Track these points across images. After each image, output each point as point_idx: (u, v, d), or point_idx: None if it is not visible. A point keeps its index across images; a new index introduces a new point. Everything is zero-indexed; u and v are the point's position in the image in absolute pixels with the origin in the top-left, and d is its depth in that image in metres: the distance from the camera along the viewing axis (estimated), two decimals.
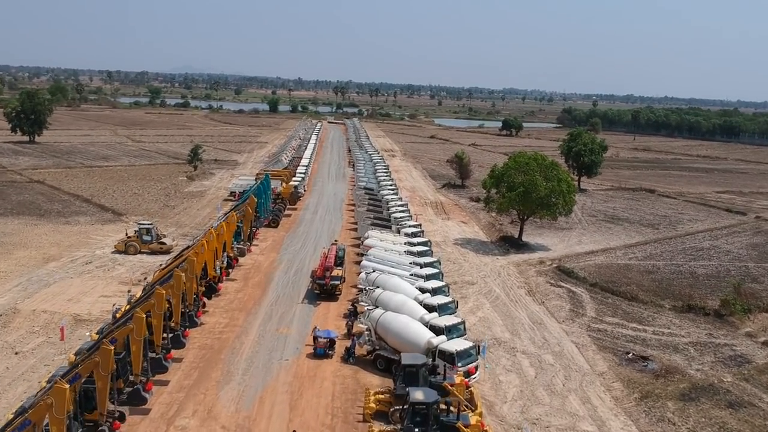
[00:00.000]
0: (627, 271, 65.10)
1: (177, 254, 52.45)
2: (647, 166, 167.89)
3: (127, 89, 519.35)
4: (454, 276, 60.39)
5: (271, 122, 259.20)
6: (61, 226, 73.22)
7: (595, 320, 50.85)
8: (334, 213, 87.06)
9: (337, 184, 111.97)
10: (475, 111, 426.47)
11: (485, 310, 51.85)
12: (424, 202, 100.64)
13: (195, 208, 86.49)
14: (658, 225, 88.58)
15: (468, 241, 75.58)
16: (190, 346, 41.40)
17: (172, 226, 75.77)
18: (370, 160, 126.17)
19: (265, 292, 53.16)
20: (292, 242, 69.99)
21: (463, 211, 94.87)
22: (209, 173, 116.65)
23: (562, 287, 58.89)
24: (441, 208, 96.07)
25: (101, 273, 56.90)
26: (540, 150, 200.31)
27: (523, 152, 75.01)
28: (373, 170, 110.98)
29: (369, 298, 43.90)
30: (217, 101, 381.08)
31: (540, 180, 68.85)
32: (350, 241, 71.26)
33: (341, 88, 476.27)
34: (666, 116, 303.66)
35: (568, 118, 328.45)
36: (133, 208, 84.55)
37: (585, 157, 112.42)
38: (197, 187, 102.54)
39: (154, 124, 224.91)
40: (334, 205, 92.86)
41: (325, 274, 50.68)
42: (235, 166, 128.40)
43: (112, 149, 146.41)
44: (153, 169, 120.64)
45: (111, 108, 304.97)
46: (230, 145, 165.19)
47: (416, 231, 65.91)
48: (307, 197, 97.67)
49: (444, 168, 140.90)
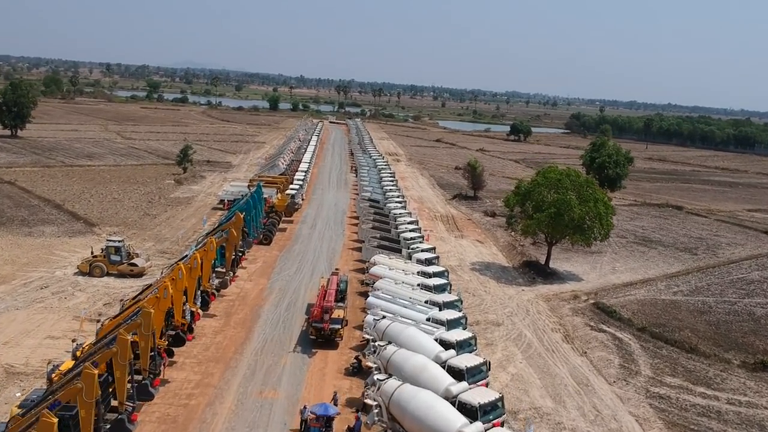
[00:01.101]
0: (675, 310, 55.79)
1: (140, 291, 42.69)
2: (667, 178, 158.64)
3: (126, 83, 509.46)
4: (475, 313, 51.10)
5: (270, 120, 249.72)
6: (21, 238, 63.76)
7: (653, 381, 41.50)
8: (334, 228, 77.61)
9: (338, 193, 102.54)
10: (480, 114, 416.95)
11: (517, 364, 42.51)
12: (434, 215, 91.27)
13: (179, 218, 77.08)
14: (696, 249, 79.29)
15: (487, 266, 66.22)
16: (146, 419, 31.95)
17: (150, 240, 66.41)
18: (375, 166, 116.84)
19: (250, 333, 43.77)
20: (286, 264, 60.56)
21: (478, 227, 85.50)
22: (199, 176, 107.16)
23: (604, 332, 49.56)
24: (453, 224, 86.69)
25: (55, 302, 47.49)
26: (551, 158, 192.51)
27: (553, 167, 65.60)
28: (378, 178, 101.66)
29: (379, 359, 34.55)
30: (216, 97, 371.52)
31: (574, 200, 59.52)
32: (353, 264, 61.91)
33: (343, 87, 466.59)
34: (678, 125, 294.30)
35: (576, 123, 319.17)
36: (109, 216, 75.11)
37: (609, 169, 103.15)
38: (184, 193, 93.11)
39: (148, 119, 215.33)
40: (335, 217, 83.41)
41: (323, 316, 41.30)
42: (228, 168, 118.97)
43: (98, 146, 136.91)
44: (139, 170, 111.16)
45: (106, 101, 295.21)
46: (225, 145, 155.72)
47: (431, 257, 56.49)
48: (305, 207, 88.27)
49: (452, 176, 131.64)
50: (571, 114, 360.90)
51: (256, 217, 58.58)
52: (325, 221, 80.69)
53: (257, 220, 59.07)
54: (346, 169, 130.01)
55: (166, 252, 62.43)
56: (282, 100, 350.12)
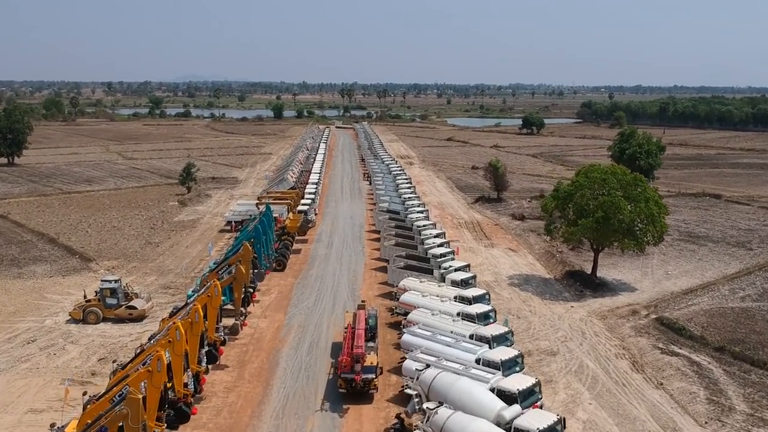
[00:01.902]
0: (749, 321, 48.81)
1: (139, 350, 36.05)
2: (695, 163, 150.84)
3: (128, 100, 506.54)
4: (524, 340, 44.46)
5: (276, 129, 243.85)
6: (10, 281, 57.67)
7: (755, 420, 34.64)
8: (353, 245, 71.06)
9: (352, 204, 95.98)
10: (487, 109, 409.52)
11: (587, 407, 35.76)
12: (458, 222, 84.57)
13: (183, 245, 70.88)
14: (749, 243, 72.08)
15: (526, 279, 59.47)
16: None
17: (153, 273, 60.22)
18: (389, 171, 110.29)
19: (268, 388, 37.26)
20: (304, 294, 54.07)
21: (508, 233, 78.70)
22: (204, 195, 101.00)
23: (677, 355, 42.69)
24: (480, 231, 79.94)
25: (43, 360, 41.27)
26: (569, 150, 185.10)
27: (596, 165, 58.54)
28: (394, 185, 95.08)
29: (430, 427, 27.91)
30: (219, 109, 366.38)
31: (623, 201, 52.67)
32: (378, 288, 55.40)
33: (347, 90, 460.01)
34: (694, 107, 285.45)
35: (588, 112, 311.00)
36: (108, 248, 69.01)
37: (641, 160, 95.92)
38: (189, 215, 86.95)
39: (151, 137, 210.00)
40: (352, 233, 76.85)
41: (353, 366, 34.73)
42: (234, 185, 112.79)
43: (99, 169, 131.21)
44: (141, 192, 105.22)
45: (108, 121, 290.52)
46: (231, 159, 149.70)
47: (467, 277, 49.79)
48: (318, 223, 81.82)
49: (470, 176, 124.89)
50: (582, 103, 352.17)
51: (267, 243, 52.13)
52: (342, 238, 74.14)
53: (268, 246, 52.62)
54: (359, 177, 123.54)
55: (170, 287, 56.20)
56: (286, 107, 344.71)
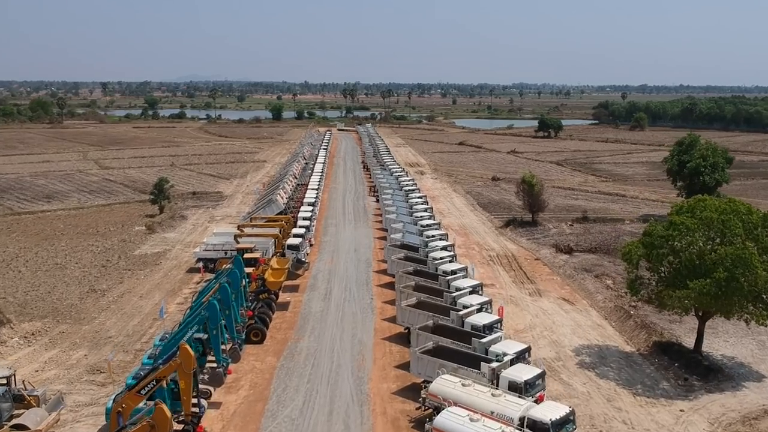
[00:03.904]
0: None
1: None
2: (742, 173, 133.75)
3: (125, 101, 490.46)
4: None
5: (273, 132, 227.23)
6: None
7: None
8: (358, 295, 54.19)
9: (357, 230, 79.06)
10: (495, 109, 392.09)
11: None
12: (488, 255, 67.89)
13: (137, 294, 54.32)
14: None
15: (600, 353, 42.74)
16: None
17: (84, 345, 43.77)
18: (399, 186, 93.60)
19: None
20: (288, 389, 37.21)
21: (553, 272, 61.95)
22: (179, 217, 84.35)
23: None
24: (518, 268, 63.19)
25: None
26: (595, 156, 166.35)
27: (706, 198, 41.40)
28: (406, 206, 78.45)
29: None
30: (216, 110, 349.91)
31: (755, 255, 35.89)
32: (393, 377, 38.72)
33: (350, 90, 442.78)
34: (719, 107, 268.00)
35: (605, 113, 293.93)
36: (37, 300, 52.50)
37: (705, 175, 79.15)
38: (155, 245, 70.39)
39: (137, 141, 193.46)
40: (357, 275, 59.84)
41: None
42: (218, 202, 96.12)
43: (66, 181, 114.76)
44: (105, 213, 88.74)
45: (98, 123, 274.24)
46: (219, 168, 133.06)
47: (533, 377, 32.77)
48: (314, 256, 65.18)
49: (492, 189, 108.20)
50: (598, 103, 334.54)
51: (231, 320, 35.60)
52: (344, 283, 57.22)
53: (233, 318, 36.10)
54: (364, 191, 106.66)
55: (100, 370, 39.64)
56: (286, 108, 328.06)
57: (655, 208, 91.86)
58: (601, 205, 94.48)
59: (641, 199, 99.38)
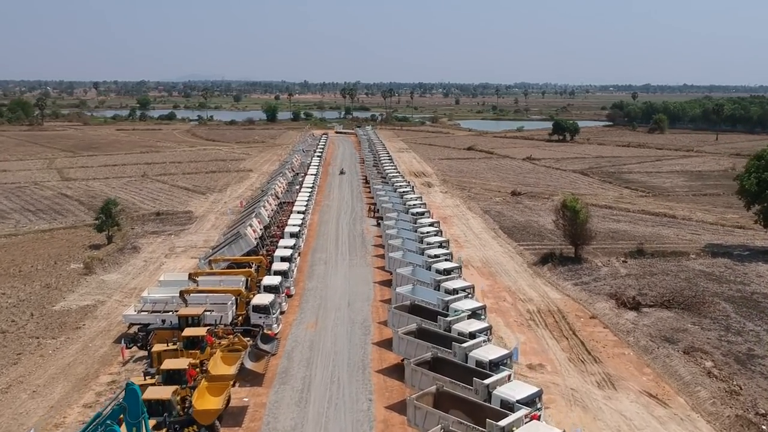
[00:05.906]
0: None
1: None
2: None
3: (117, 101, 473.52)
4: None
5: (266, 135, 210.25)
6: None
7: None
8: (350, 395, 37.03)
9: (352, 268, 61.78)
10: (501, 110, 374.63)
11: None
12: (526, 309, 50.90)
13: (32, 384, 37.48)
14: None
15: None
16: None
17: None
18: (406, 209, 76.59)
19: None
20: None
21: (621, 341, 44.93)
22: (130, 249, 67.39)
23: None
24: (571, 335, 46.15)
25: None
26: (619, 162, 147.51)
27: None
28: (416, 238, 61.46)
29: None
30: (211, 110, 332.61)
31: None
32: None
33: (349, 89, 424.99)
34: (743, 108, 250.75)
35: (619, 114, 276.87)
36: None
37: None
38: (86, 294, 53.49)
39: (115, 145, 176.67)
40: (350, 352, 42.44)
41: None
42: (185, 225, 79.17)
43: (14, 196, 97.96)
44: (43, 241, 71.91)
45: (81, 125, 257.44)
46: (197, 179, 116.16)
47: None
48: (291, 317, 48.13)
49: (513, 207, 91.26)
50: (612, 103, 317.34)
51: None
52: (331, 368, 39.93)
53: None
54: (362, 211, 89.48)
55: None
56: (282, 108, 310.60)
57: (718, 235, 74.99)
58: (651, 230, 77.45)
59: (696, 222, 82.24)
